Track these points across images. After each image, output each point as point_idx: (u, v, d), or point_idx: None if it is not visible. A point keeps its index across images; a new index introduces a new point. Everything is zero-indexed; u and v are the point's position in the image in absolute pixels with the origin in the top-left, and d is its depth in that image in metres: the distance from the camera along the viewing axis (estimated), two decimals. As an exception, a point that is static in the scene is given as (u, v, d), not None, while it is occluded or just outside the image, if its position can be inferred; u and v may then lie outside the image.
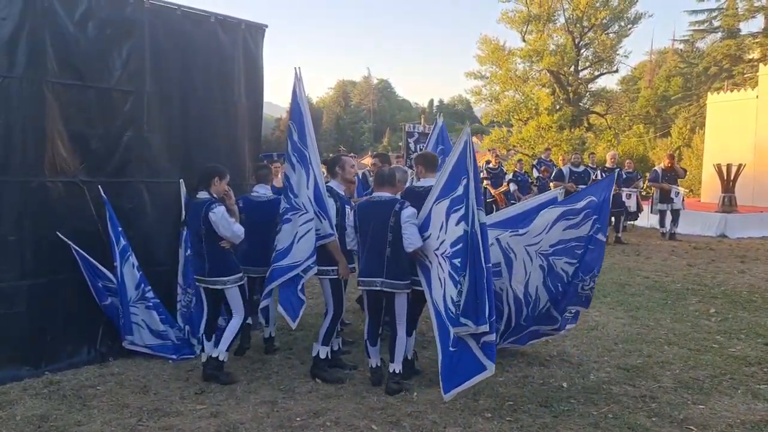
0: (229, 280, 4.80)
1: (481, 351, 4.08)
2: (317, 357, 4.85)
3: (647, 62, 40.12)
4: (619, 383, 4.82)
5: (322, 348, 4.84)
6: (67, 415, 4.12)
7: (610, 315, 6.88)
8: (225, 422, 4.04)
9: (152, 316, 5.34)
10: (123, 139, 5.38)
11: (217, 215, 4.62)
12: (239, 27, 6.22)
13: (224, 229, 4.65)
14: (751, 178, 15.90)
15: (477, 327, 4.02)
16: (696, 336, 6.07)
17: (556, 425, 4.06)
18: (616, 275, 9.12)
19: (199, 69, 5.88)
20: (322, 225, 4.79)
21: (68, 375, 4.86)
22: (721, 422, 4.11)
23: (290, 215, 4.81)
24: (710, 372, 5.06)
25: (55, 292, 5.00)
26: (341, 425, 4.03)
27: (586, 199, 5.11)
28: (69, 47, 4.99)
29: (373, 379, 4.77)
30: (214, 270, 4.78)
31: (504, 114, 34.53)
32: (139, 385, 4.70)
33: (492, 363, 4.04)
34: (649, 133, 30.53)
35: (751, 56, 25.59)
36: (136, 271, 5.29)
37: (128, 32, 5.33)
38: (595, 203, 5.09)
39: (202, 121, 5.93)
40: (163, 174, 5.65)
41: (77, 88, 5.06)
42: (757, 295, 7.85)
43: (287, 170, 4.93)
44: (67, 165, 5.04)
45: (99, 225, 5.21)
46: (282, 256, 4.81)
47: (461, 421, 4.11)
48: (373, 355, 4.81)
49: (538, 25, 32.29)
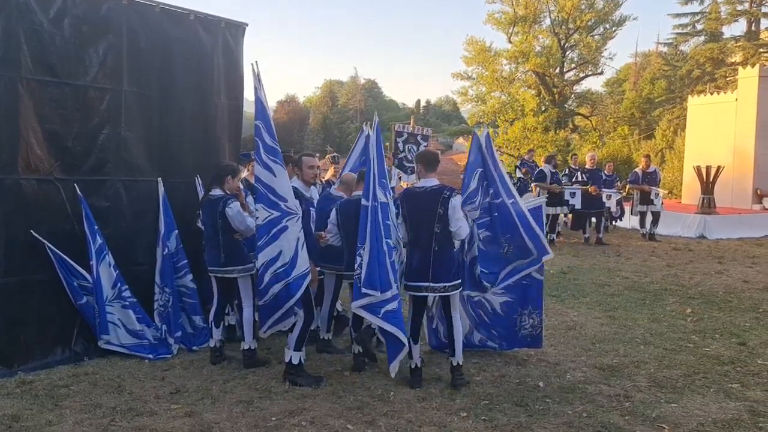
0: (242, 269, 5.15)
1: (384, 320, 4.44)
2: (290, 363, 4.71)
3: (632, 65, 40.45)
4: (595, 382, 4.86)
5: (294, 354, 4.70)
6: (39, 415, 4.08)
7: (589, 315, 6.94)
8: (199, 422, 4.02)
9: (129, 315, 5.31)
10: (100, 137, 5.33)
11: (233, 210, 5.00)
12: (219, 25, 6.19)
13: (239, 222, 5.00)
14: (730, 180, 16.12)
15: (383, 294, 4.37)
16: (672, 336, 6.14)
17: (531, 424, 4.09)
18: (596, 275, 9.20)
19: (179, 67, 5.85)
20: None
21: (41, 375, 4.80)
22: (693, 421, 4.16)
23: (287, 222, 4.40)
24: (684, 371, 5.12)
25: (29, 292, 4.95)
26: (316, 425, 4.02)
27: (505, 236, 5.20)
28: (44, 44, 4.94)
29: (413, 381, 4.72)
30: (228, 260, 5.12)
31: (490, 115, 34.71)
32: (114, 384, 4.66)
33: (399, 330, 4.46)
34: (633, 135, 30.81)
35: (733, 60, 25.88)
36: (113, 270, 5.25)
37: (105, 29, 5.29)
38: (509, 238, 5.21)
39: (181, 119, 5.90)
40: (141, 172, 5.61)
41: (52, 85, 5.01)
42: (733, 295, 7.96)
43: (262, 174, 4.44)
44: (42, 163, 4.99)
45: (75, 223, 5.17)
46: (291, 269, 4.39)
47: (437, 420, 4.12)
48: (415, 355, 4.74)
49: (524, 27, 32.52)
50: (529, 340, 5.43)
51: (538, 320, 5.38)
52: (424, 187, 4.68)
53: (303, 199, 4.82)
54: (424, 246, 4.61)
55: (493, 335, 5.46)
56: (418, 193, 4.71)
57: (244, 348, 5.13)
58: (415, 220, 4.66)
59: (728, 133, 17.14)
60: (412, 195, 4.75)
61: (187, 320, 5.73)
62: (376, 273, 4.37)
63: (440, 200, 4.55)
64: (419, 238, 4.64)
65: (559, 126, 32.38)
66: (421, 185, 4.74)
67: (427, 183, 4.70)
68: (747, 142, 16.68)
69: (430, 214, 4.55)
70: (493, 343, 5.48)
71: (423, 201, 4.62)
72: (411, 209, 4.68)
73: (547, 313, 6.96)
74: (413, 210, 4.67)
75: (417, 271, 4.64)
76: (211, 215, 5.14)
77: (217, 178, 5.19)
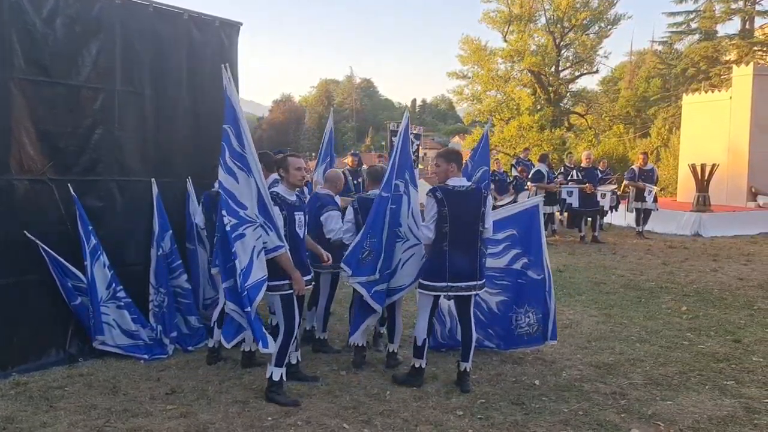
0: None
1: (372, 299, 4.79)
2: (270, 379, 4.38)
3: (627, 63, 40.52)
4: (591, 380, 4.86)
5: (276, 369, 4.36)
6: (33, 417, 4.06)
7: (585, 313, 6.95)
8: (195, 422, 4.01)
9: (124, 315, 5.28)
10: (93, 137, 5.30)
11: None
12: (213, 24, 6.17)
13: None
14: (725, 178, 16.17)
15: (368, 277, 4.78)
16: (667, 333, 6.15)
17: (527, 423, 4.09)
18: (592, 274, 9.22)
19: (172, 67, 5.83)
20: (269, 237, 4.23)
21: (36, 376, 4.78)
22: (688, 418, 4.17)
23: (243, 230, 4.17)
24: (679, 368, 5.13)
25: (23, 293, 4.92)
26: (312, 424, 4.02)
27: (506, 231, 5.29)
28: (37, 44, 4.91)
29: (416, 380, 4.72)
30: None
31: (486, 114, 34.68)
32: (109, 385, 4.64)
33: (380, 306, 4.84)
34: (628, 134, 30.89)
35: (727, 58, 25.99)
36: (107, 270, 5.23)
37: (98, 29, 5.26)
38: (517, 237, 5.30)
39: (174, 119, 5.88)
40: (134, 172, 5.58)
41: (45, 85, 4.98)
42: (728, 293, 7.98)
43: (226, 180, 4.20)
44: (35, 163, 4.96)
45: (68, 224, 5.14)
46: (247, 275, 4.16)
47: (433, 419, 4.12)
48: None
49: (520, 26, 32.53)
50: (526, 339, 5.43)
51: (534, 319, 5.38)
52: (464, 186, 4.61)
53: (285, 204, 4.48)
54: (470, 245, 4.57)
55: (491, 335, 5.47)
56: (460, 192, 4.56)
57: (245, 349, 5.10)
58: (459, 219, 4.51)
59: (723, 131, 17.18)
60: (452, 194, 4.55)
61: (182, 320, 5.71)
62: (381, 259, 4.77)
63: (482, 199, 4.59)
64: (463, 236, 4.53)
65: (554, 125, 32.43)
66: (459, 185, 4.62)
67: (463, 182, 4.67)
68: (741, 140, 16.72)
69: (475, 213, 4.55)
70: (491, 342, 5.48)
71: (466, 200, 4.55)
72: (453, 208, 4.52)
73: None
74: (456, 209, 4.52)
75: (464, 272, 4.55)
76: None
77: None
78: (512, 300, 5.38)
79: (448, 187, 4.60)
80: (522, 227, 5.32)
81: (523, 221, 5.33)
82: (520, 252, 5.33)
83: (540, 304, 5.37)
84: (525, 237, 5.33)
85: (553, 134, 30.75)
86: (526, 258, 5.33)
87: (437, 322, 5.40)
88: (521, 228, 5.32)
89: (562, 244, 12.24)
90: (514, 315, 5.39)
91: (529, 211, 5.38)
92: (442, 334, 5.54)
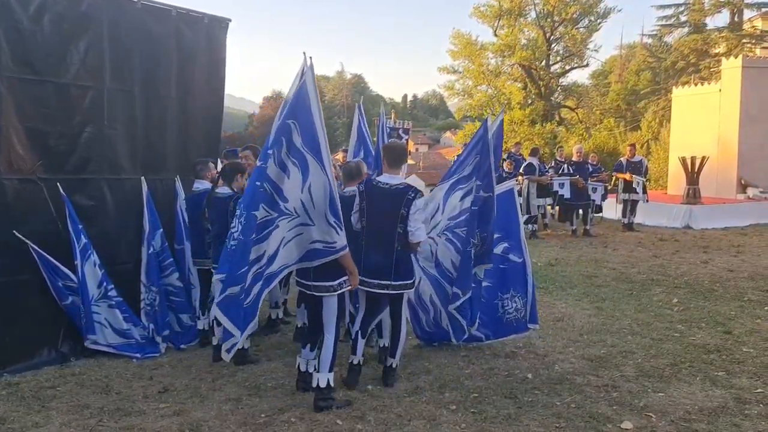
0: None
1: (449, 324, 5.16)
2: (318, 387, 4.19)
3: (617, 57, 40.59)
4: (583, 373, 4.89)
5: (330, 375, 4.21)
6: (25, 417, 4.04)
7: (576, 306, 6.98)
8: (188, 420, 4.00)
9: (115, 314, 5.26)
10: (83, 135, 5.26)
11: None
12: (202, 21, 6.13)
13: None
14: (715, 170, 16.27)
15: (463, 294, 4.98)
16: (658, 325, 6.19)
17: (520, 416, 4.11)
18: (583, 267, 9.26)
19: (161, 64, 5.79)
20: (339, 236, 4.04)
21: (27, 376, 4.75)
22: (680, 409, 4.21)
23: (279, 221, 4.04)
24: (671, 360, 5.17)
25: (13, 293, 4.88)
26: (306, 421, 4.02)
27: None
28: (24, 42, 4.86)
29: (349, 379, 4.60)
30: None
31: (477, 109, 34.72)
32: (101, 385, 4.63)
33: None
34: (619, 127, 30.95)
35: (716, 51, 26.08)
36: (98, 269, 5.20)
37: (86, 26, 5.20)
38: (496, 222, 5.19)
39: (163, 116, 5.84)
40: (124, 171, 5.55)
41: (33, 83, 4.93)
42: (718, 284, 8.04)
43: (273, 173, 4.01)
44: (24, 162, 4.92)
45: (58, 223, 5.10)
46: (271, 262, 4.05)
47: (426, 414, 4.13)
48: (358, 350, 4.63)
49: (510, 20, 32.54)
50: (515, 324, 5.41)
51: (521, 303, 5.36)
52: (389, 184, 4.38)
53: None
54: (385, 245, 4.37)
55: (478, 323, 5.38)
56: (382, 189, 4.39)
57: (214, 343, 5.13)
58: (375, 217, 4.38)
59: (712, 123, 17.29)
60: (374, 189, 4.41)
61: (174, 319, 5.69)
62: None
63: (404, 201, 4.30)
64: (380, 236, 4.37)
65: (545, 119, 32.47)
66: (386, 181, 4.43)
67: (391, 180, 4.42)
68: (731, 133, 16.84)
69: (394, 215, 4.31)
70: (480, 332, 5.44)
71: (387, 199, 4.34)
72: (371, 205, 4.39)
73: (535, 305, 7.03)
74: (374, 206, 4.38)
75: (376, 270, 4.39)
76: (220, 214, 5.00)
77: (228, 175, 5.16)
78: (496, 286, 5.36)
79: (373, 182, 4.51)
80: (499, 212, 5.22)
81: (500, 206, 5.23)
82: (500, 236, 5.32)
83: (523, 288, 5.36)
84: (504, 221, 5.31)
85: (544, 128, 30.80)
86: (506, 242, 5.34)
87: (420, 310, 5.34)
88: (499, 213, 5.21)
89: (553, 238, 12.29)
90: (500, 302, 5.37)
91: (504, 195, 5.35)
92: (427, 322, 5.44)
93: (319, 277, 4.14)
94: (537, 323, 5.54)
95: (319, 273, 4.13)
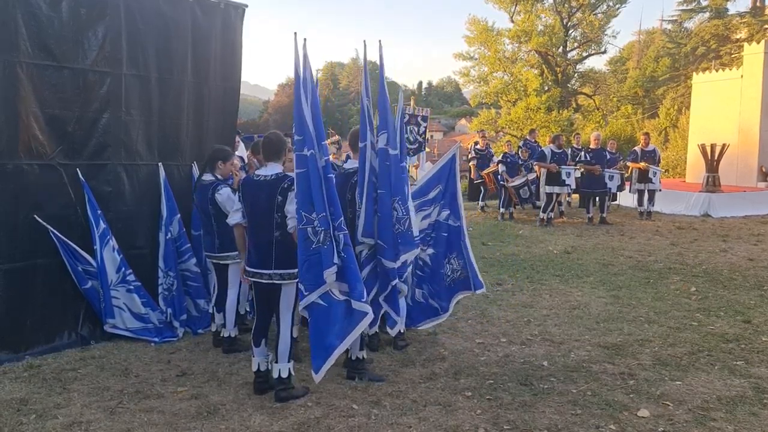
0: (237, 255, 4.86)
1: None
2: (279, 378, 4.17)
3: (635, 43, 40.01)
4: (599, 361, 4.87)
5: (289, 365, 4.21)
6: (47, 398, 4.11)
7: (592, 294, 6.94)
8: (206, 404, 4.05)
9: (134, 299, 5.33)
10: (101, 121, 5.31)
11: (223, 196, 4.93)
12: (218, 7, 6.12)
13: (230, 208, 4.76)
14: (735, 157, 16.00)
15: None
16: (676, 314, 6.14)
17: (536, 403, 4.11)
18: (600, 255, 9.19)
19: (177, 50, 5.79)
20: None
21: (49, 359, 4.84)
22: (697, 398, 4.18)
23: None
24: (688, 349, 5.13)
25: (34, 277, 4.97)
26: (322, 405, 4.05)
27: (435, 189, 5.33)
28: (42, 28, 4.90)
29: (256, 386, 4.29)
30: (222, 246, 5.06)
31: (492, 95, 34.45)
32: (120, 368, 4.70)
33: None
34: (637, 114, 30.58)
35: (738, 36, 25.59)
36: (117, 254, 5.26)
37: (103, 12, 5.23)
38: (442, 191, 5.32)
39: (180, 103, 5.86)
40: (141, 157, 5.59)
41: (52, 69, 4.97)
42: (738, 273, 7.94)
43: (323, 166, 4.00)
44: (44, 148, 4.98)
45: (78, 208, 5.17)
46: None
47: (441, 400, 4.14)
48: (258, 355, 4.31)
49: (527, 6, 32.13)
50: (453, 285, 5.30)
51: (458, 264, 5.28)
52: (265, 176, 4.26)
53: None
54: (264, 234, 4.22)
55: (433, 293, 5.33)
56: (258, 183, 4.27)
57: (224, 335, 5.09)
58: (254, 208, 4.27)
59: (733, 110, 16.96)
60: (251, 184, 4.32)
61: (191, 304, 5.75)
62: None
63: (279, 189, 4.17)
64: (260, 226, 4.25)
65: (562, 106, 32.13)
66: (263, 173, 4.30)
67: (268, 171, 4.29)
68: (752, 120, 16.51)
69: (269, 203, 4.19)
70: (435, 304, 5.28)
71: (261, 190, 4.22)
72: (248, 198, 4.29)
73: (551, 293, 7.01)
74: (251, 198, 4.27)
75: (257, 260, 4.23)
76: (202, 201, 5.10)
77: (209, 162, 5.16)
78: (441, 253, 5.31)
79: (251, 176, 4.43)
80: (444, 180, 5.35)
81: (444, 174, 5.37)
82: (443, 203, 5.35)
83: (460, 250, 5.29)
84: (448, 189, 5.35)
85: (561, 115, 30.47)
86: (448, 209, 5.33)
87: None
88: (443, 181, 5.34)
89: (569, 226, 12.20)
90: (444, 270, 5.31)
91: (447, 163, 5.42)
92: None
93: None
94: (482, 287, 5.36)
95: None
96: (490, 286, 7.22)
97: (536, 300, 6.74)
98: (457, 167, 5.45)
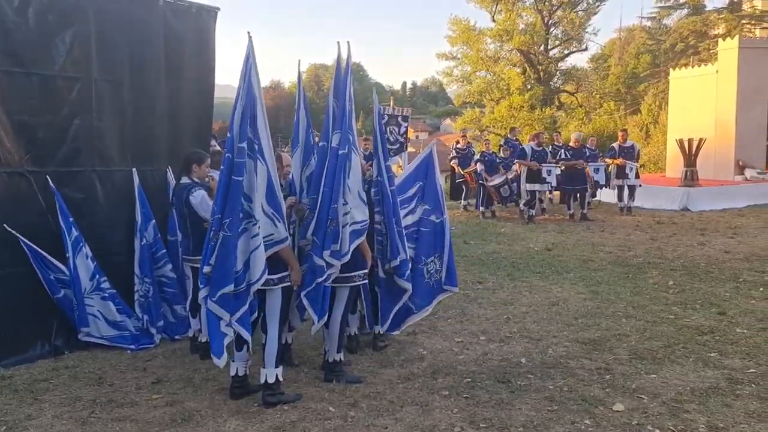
0: None
1: None
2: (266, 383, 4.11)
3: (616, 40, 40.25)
4: (576, 357, 4.90)
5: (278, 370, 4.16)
6: (18, 410, 4.05)
7: (572, 290, 6.98)
8: (180, 410, 4.01)
9: (108, 306, 5.27)
10: (71, 127, 5.23)
11: (197, 198, 4.81)
12: (190, 10, 6.07)
13: (204, 211, 4.72)
14: (713, 152, 16.18)
15: None
16: (653, 308, 6.19)
17: (513, 400, 4.12)
18: (580, 251, 9.24)
19: (149, 54, 5.73)
20: (276, 229, 4.03)
21: (21, 369, 4.76)
22: (671, 390, 4.21)
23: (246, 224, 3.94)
24: (664, 342, 5.17)
25: (5, 287, 4.88)
26: (298, 408, 4.03)
27: (415, 185, 5.35)
28: (9, 34, 4.83)
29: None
30: (196, 248, 4.89)
31: (476, 94, 34.60)
32: (94, 377, 4.64)
33: None
34: (619, 111, 30.82)
35: (716, 32, 25.85)
36: (90, 261, 5.20)
37: (71, 17, 5.16)
38: (422, 187, 5.34)
39: (153, 107, 5.80)
40: (114, 162, 5.53)
41: (19, 75, 4.90)
42: (714, 266, 8.03)
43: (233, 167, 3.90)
44: (12, 155, 4.89)
45: (49, 216, 5.10)
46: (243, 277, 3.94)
47: (419, 400, 4.14)
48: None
49: (507, 5, 32.31)
50: (435, 287, 5.28)
51: (439, 264, 5.26)
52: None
53: None
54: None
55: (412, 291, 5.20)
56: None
57: (202, 340, 4.98)
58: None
59: (710, 105, 17.16)
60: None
61: (168, 310, 5.69)
62: None
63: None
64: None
65: (545, 104, 32.34)
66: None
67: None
68: (728, 114, 16.72)
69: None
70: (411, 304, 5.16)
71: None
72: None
73: (531, 290, 7.04)
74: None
75: None
76: (178, 204, 5.05)
77: (184, 166, 5.08)
78: (420, 250, 5.22)
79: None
80: (423, 177, 5.36)
81: (422, 171, 5.38)
82: (419, 197, 5.34)
83: (441, 248, 5.28)
84: (428, 185, 5.35)
85: (544, 113, 30.67)
86: (427, 205, 5.31)
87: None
88: (422, 178, 5.36)
89: (551, 223, 12.27)
90: (424, 267, 5.23)
91: (426, 159, 5.44)
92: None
93: None
94: (455, 285, 5.37)
95: None
96: (471, 285, 7.24)
97: (516, 297, 6.76)
98: (435, 163, 5.44)
